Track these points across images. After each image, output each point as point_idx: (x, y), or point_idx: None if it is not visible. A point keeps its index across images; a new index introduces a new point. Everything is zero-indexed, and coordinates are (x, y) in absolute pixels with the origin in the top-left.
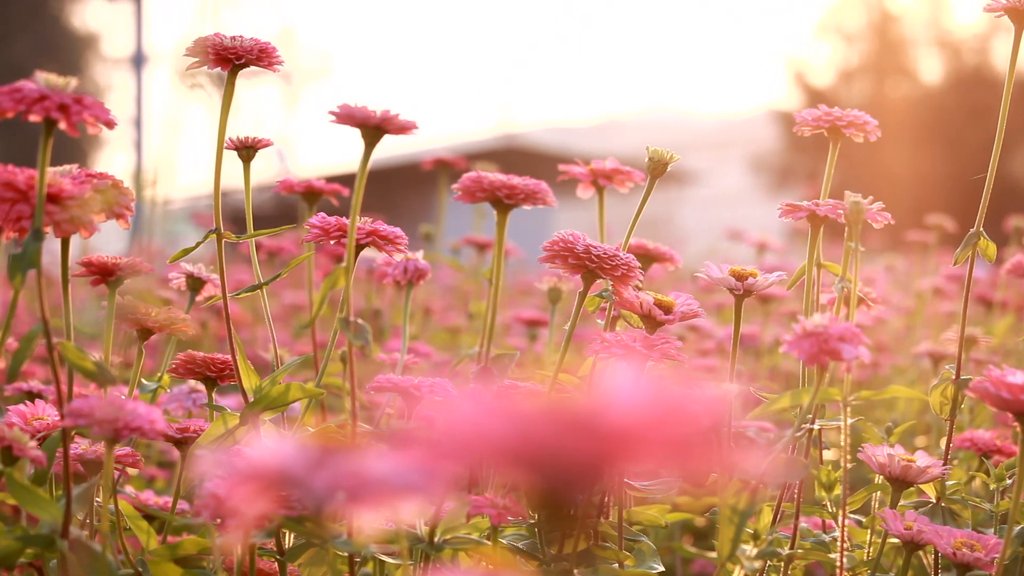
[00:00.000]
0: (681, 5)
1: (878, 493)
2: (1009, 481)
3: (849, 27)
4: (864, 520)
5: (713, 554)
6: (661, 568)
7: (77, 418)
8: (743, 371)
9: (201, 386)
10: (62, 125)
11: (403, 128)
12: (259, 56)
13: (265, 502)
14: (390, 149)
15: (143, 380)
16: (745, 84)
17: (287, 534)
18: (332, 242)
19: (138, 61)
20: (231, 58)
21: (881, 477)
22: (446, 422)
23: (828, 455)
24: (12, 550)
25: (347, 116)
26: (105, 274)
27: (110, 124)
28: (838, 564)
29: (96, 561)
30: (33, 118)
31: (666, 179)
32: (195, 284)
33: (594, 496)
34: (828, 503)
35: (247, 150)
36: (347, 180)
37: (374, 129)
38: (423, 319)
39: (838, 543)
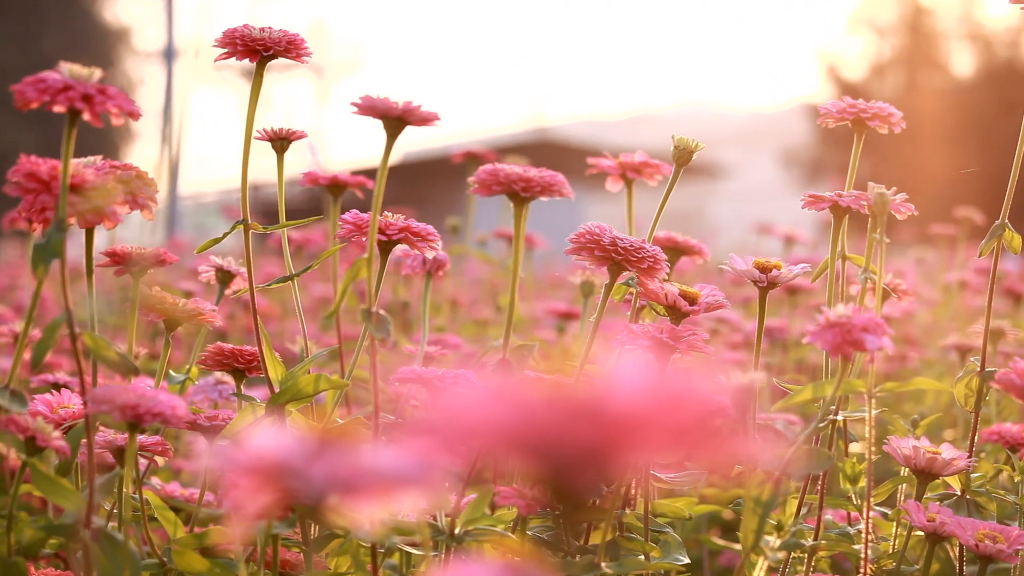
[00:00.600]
0: None
1: (903, 485)
2: None
3: (881, 21)
4: (890, 512)
5: (739, 546)
6: (687, 560)
7: (99, 404)
8: (770, 364)
9: (228, 377)
10: (86, 116)
11: (425, 119)
12: (287, 48)
13: (267, 494)
14: (422, 142)
15: (171, 372)
16: (777, 78)
17: (312, 524)
18: (365, 238)
19: (169, 55)
20: (259, 49)
21: (906, 469)
22: (449, 410)
23: (855, 447)
24: (36, 540)
25: (369, 107)
26: (129, 264)
27: (134, 115)
28: (862, 556)
29: (119, 551)
30: (57, 108)
31: (698, 172)
32: (224, 277)
33: (618, 487)
34: (853, 495)
35: (281, 141)
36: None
37: (396, 120)
38: (451, 311)
39: (863, 535)
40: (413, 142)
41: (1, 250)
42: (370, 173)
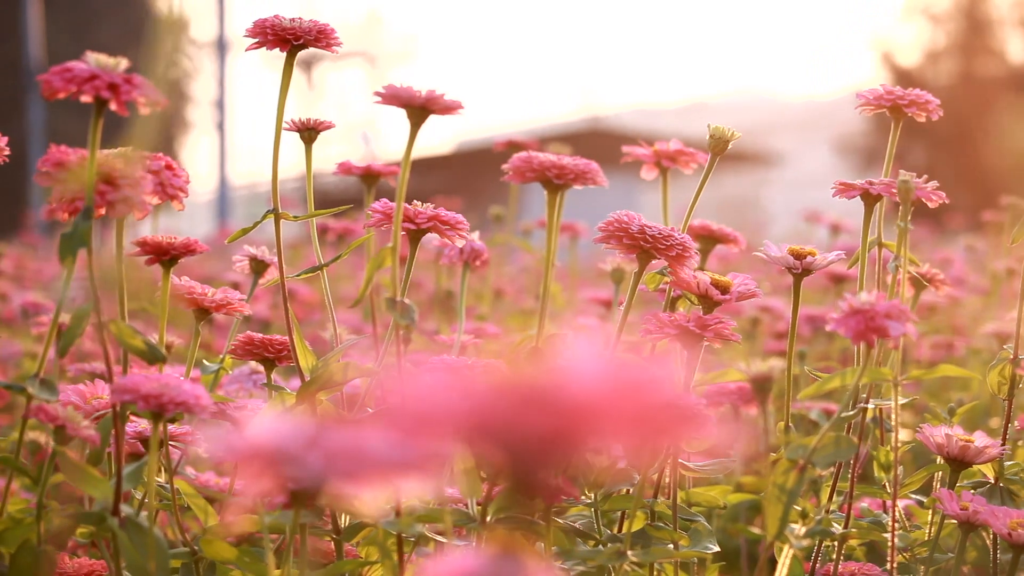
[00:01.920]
0: None
1: (939, 473)
2: None
3: (936, 7)
4: (925, 500)
5: None
6: (716, 548)
7: (123, 394)
8: (815, 352)
9: (262, 367)
10: (113, 105)
11: (448, 108)
12: (317, 37)
13: (267, 480)
14: (474, 132)
15: (205, 362)
16: (832, 65)
17: (343, 514)
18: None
19: (221, 45)
20: (289, 39)
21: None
22: (409, 399)
23: (903, 435)
24: (64, 528)
25: (392, 96)
26: (159, 254)
27: (159, 104)
28: (890, 544)
29: (146, 539)
30: (84, 98)
31: (753, 161)
32: (258, 267)
33: (648, 474)
34: (887, 483)
35: (309, 132)
36: (432, 163)
37: (419, 109)
38: (495, 301)
39: (897, 523)
40: (466, 131)
41: (52, 242)
42: (422, 163)
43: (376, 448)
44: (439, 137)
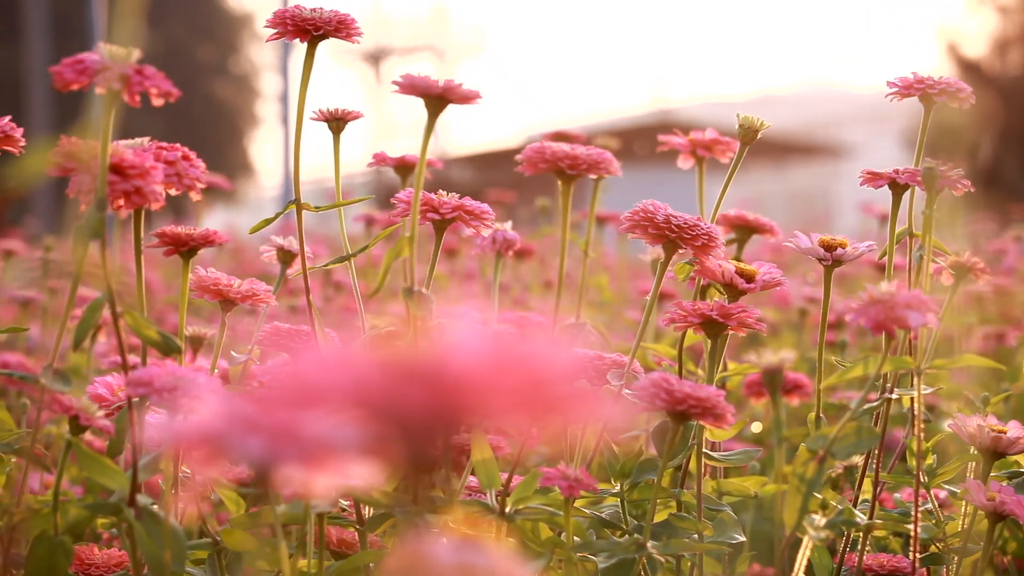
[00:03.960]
0: None
1: (973, 463)
2: None
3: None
4: (959, 491)
5: None
6: (742, 538)
7: (137, 387)
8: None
9: None
10: (125, 97)
11: (466, 98)
12: (337, 27)
13: (213, 465)
14: (544, 126)
15: (233, 352)
16: (900, 56)
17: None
18: (422, 216)
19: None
20: (309, 29)
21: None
22: (299, 373)
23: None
24: (81, 518)
25: (410, 86)
26: (178, 245)
27: (171, 95)
28: (912, 534)
29: (162, 529)
30: (97, 90)
31: (823, 153)
32: (285, 257)
33: (676, 463)
34: (922, 474)
35: (336, 122)
36: (499, 157)
37: (437, 99)
38: (544, 292)
39: (931, 514)
40: (535, 125)
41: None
42: (489, 157)
43: (320, 431)
44: (508, 131)
